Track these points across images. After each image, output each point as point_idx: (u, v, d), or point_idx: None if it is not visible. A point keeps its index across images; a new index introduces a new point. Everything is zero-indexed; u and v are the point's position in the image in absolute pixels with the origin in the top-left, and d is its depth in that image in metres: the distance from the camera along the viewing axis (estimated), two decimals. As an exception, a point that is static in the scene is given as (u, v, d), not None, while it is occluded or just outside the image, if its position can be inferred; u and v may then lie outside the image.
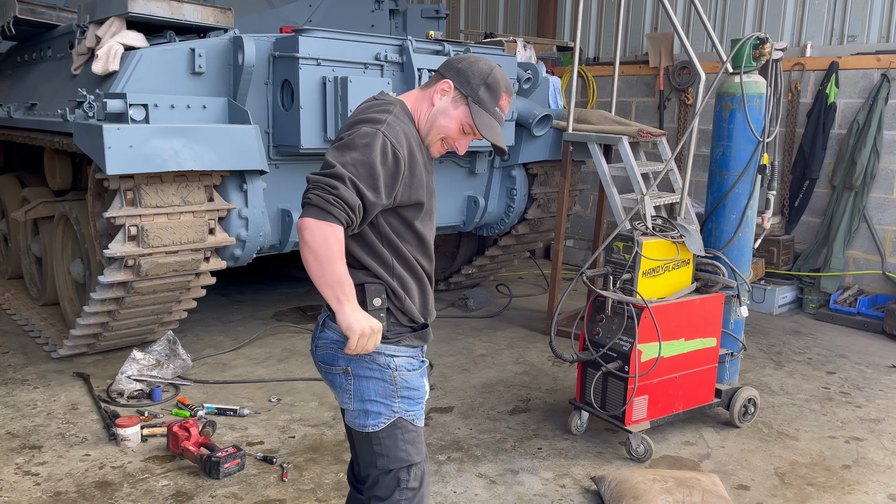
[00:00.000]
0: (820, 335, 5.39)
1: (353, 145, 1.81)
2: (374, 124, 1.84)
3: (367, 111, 1.91)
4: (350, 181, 1.76)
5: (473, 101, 1.94)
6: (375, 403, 1.97)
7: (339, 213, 1.75)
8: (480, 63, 1.95)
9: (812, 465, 3.36)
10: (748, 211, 3.67)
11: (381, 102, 1.95)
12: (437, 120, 1.95)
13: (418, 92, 2.01)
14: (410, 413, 2.00)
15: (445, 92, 1.95)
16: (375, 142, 1.81)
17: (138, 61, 3.71)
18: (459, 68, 1.95)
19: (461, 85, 1.94)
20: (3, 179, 5.77)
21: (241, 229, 4.01)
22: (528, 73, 5.08)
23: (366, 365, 1.95)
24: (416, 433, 2.02)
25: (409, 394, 1.99)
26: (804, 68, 6.13)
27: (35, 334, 4.73)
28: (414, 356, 2.02)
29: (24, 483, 3.02)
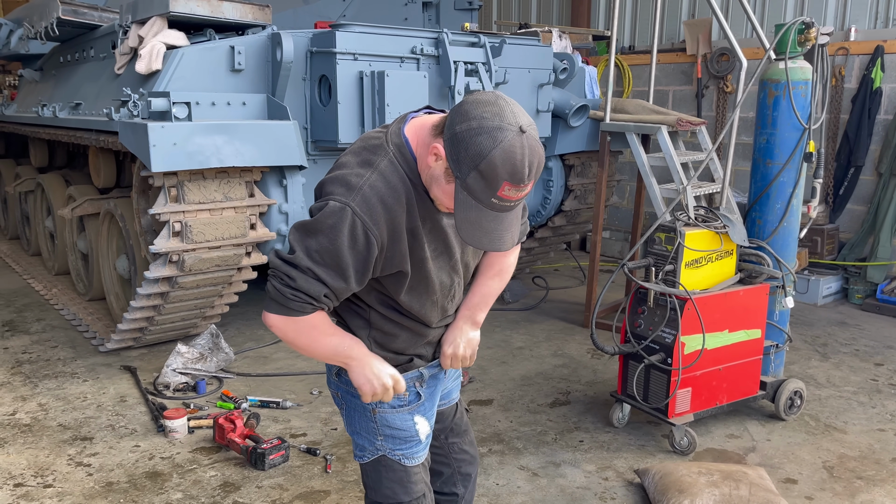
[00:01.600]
0: (866, 326, 5.27)
1: (318, 227, 1.55)
2: (344, 195, 1.55)
3: (344, 166, 1.61)
4: (310, 271, 1.55)
5: (461, 185, 1.50)
6: (360, 436, 1.88)
7: (301, 306, 1.59)
8: (481, 137, 1.43)
9: (861, 459, 3.30)
10: (793, 200, 3.60)
11: (369, 146, 1.63)
12: (431, 187, 1.60)
13: (427, 132, 1.60)
14: (397, 452, 1.85)
15: (438, 157, 1.54)
16: (343, 223, 1.53)
17: (180, 60, 3.76)
18: (455, 133, 1.47)
19: (451, 159, 1.49)
20: (49, 178, 5.91)
21: (281, 224, 4.05)
22: (565, 64, 5.03)
23: (351, 395, 1.82)
24: (405, 473, 1.86)
25: (392, 433, 1.84)
26: (848, 53, 5.97)
27: (83, 329, 4.85)
28: (408, 386, 1.83)
29: (77, 474, 3.11)
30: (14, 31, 6.24)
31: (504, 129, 1.44)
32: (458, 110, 1.49)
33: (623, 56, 7.55)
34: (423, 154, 1.60)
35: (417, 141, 1.62)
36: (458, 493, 2.16)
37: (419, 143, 1.61)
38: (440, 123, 1.57)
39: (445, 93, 4.35)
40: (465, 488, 2.17)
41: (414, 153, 1.62)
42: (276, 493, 2.97)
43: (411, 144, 1.62)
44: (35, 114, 5.27)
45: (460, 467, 2.14)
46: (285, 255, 1.60)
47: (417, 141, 1.62)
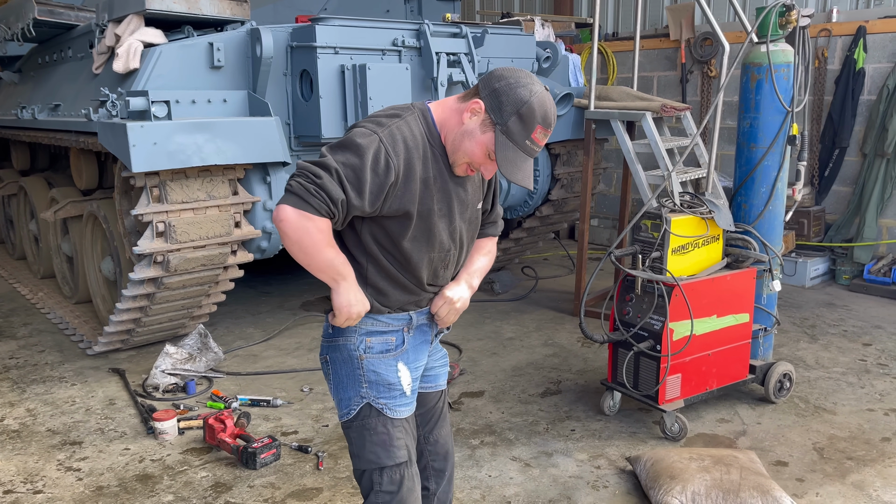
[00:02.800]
0: (854, 306, 5.30)
1: (348, 145, 1.73)
2: (374, 127, 1.76)
3: (377, 114, 1.83)
4: (336, 174, 1.69)
5: (501, 129, 1.77)
6: (345, 389, 1.93)
7: (320, 205, 1.68)
8: (520, 88, 1.75)
9: (851, 439, 3.31)
10: (778, 183, 3.60)
11: (397, 108, 1.86)
12: (462, 142, 1.81)
13: (454, 102, 1.86)
14: (380, 401, 1.91)
15: (476, 112, 1.79)
16: (370, 146, 1.72)
17: (158, 58, 3.72)
18: (496, 89, 1.77)
19: (492, 110, 1.77)
20: (32, 181, 5.85)
21: (266, 221, 4.02)
22: (548, 52, 5.02)
23: (340, 347, 1.93)
24: (388, 436, 1.91)
25: (377, 379, 1.91)
26: (831, 34, 5.98)
27: (70, 332, 4.80)
28: (396, 331, 1.93)
29: (67, 479, 3.08)
30: (-9, 33, 6.16)
31: (535, 84, 1.78)
32: (492, 75, 1.79)
33: (607, 43, 7.54)
34: (450, 117, 1.83)
35: (441, 111, 1.85)
36: (430, 487, 2.17)
37: (444, 112, 1.85)
38: (466, 93, 1.84)
39: (428, 84, 4.33)
40: (438, 485, 2.17)
41: (436, 121, 1.84)
42: (268, 491, 2.96)
43: (434, 114, 1.85)
44: (14, 116, 5.20)
45: (434, 461, 2.16)
46: (313, 159, 1.74)
47: (441, 111, 1.85)
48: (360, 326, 1.89)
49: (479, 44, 4.46)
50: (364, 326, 1.90)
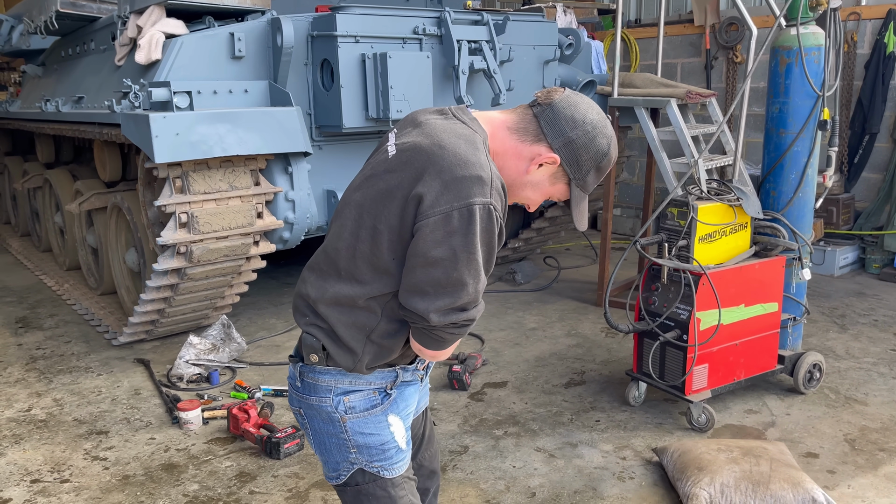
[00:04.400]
0: (885, 296, 5.19)
1: (474, 243, 1.43)
2: (483, 194, 1.42)
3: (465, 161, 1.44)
4: (477, 295, 1.49)
5: (577, 184, 1.58)
6: (330, 453, 1.66)
7: (467, 323, 1.51)
8: (599, 139, 1.54)
9: (883, 430, 3.24)
10: (808, 169, 3.53)
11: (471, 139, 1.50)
12: (523, 191, 1.60)
13: (505, 132, 1.57)
14: (374, 464, 1.64)
15: (545, 164, 1.55)
16: (492, 225, 1.44)
17: (180, 48, 3.72)
18: (572, 140, 1.53)
19: (569, 165, 1.55)
20: (56, 173, 5.90)
21: (288, 212, 4.02)
22: (570, 39, 4.95)
23: (314, 406, 1.65)
24: (389, 498, 1.65)
25: (366, 441, 1.63)
26: (860, 17, 5.84)
27: (95, 323, 4.85)
28: (381, 386, 1.65)
29: (94, 468, 3.11)
30: (15, 27, 6.22)
31: (607, 125, 1.57)
32: (562, 115, 1.54)
33: (629, 30, 7.43)
34: (509, 158, 1.56)
35: (497, 144, 1.57)
36: None
37: (499, 146, 1.57)
38: (524, 127, 1.56)
39: (449, 73, 4.29)
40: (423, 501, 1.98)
41: (490, 151, 1.56)
42: (291, 481, 2.96)
43: (489, 143, 1.57)
44: (39, 109, 5.25)
45: (418, 482, 1.92)
46: (455, 303, 1.46)
47: (497, 144, 1.57)
48: (335, 385, 1.62)
49: (500, 31, 4.41)
50: (340, 386, 1.62)
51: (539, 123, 1.55)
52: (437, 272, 1.43)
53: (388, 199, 1.48)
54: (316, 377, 1.63)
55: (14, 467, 3.12)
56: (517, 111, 1.60)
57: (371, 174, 1.56)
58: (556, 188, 1.60)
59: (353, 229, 1.53)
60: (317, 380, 1.63)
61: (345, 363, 1.59)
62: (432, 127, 1.53)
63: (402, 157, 1.49)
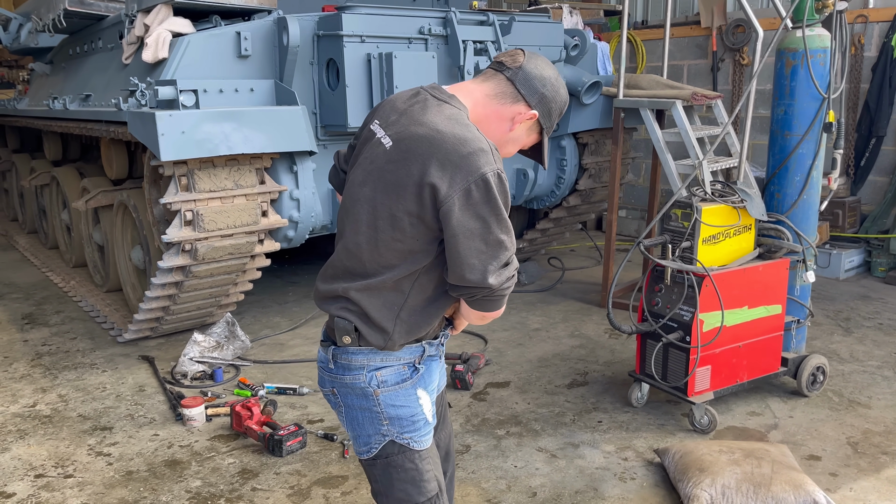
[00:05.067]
0: (890, 299, 5.17)
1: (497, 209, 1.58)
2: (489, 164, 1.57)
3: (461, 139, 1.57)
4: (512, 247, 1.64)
5: (547, 132, 1.79)
6: (363, 427, 1.78)
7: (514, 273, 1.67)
8: (562, 91, 1.76)
9: (886, 434, 3.23)
10: (813, 172, 3.52)
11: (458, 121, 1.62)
12: (506, 146, 1.77)
13: (484, 98, 1.72)
14: (405, 436, 1.76)
15: (524, 120, 1.73)
16: (504, 186, 1.60)
17: (186, 47, 3.74)
18: (545, 96, 1.72)
19: (543, 117, 1.75)
20: (63, 171, 5.94)
21: (293, 211, 4.03)
22: (576, 40, 4.95)
23: (348, 384, 1.76)
24: (417, 470, 1.77)
25: (398, 413, 1.75)
26: (867, 20, 5.82)
27: (101, 320, 4.88)
28: (410, 360, 1.77)
29: (97, 463, 3.13)
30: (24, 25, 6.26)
31: (559, 77, 1.77)
32: (532, 75, 1.71)
33: (636, 31, 7.42)
34: (491, 121, 1.72)
35: (476, 109, 1.72)
36: None
37: (479, 111, 1.72)
38: (502, 91, 1.71)
39: (455, 73, 4.30)
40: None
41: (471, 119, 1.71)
42: (294, 479, 2.97)
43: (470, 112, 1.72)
44: (46, 107, 5.28)
45: None
46: (503, 269, 1.61)
47: (476, 109, 1.72)
48: (368, 363, 1.74)
49: (506, 32, 4.42)
50: (372, 363, 1.74)
51: (515, 86, 1.71)
52: (476, 242, 1.58)
53: (399, 189, 1.60)
54: (349, 357, 1.75)
55: (18, 462, 3.14)
56: (489, 79, 1.74)
57: (372, 168, 1.65)
58: (530, 139, 1.80)
59: (370, 221, 1.64)
60: (350, 360, 1.75)
61: (377, 342, 1.71)
62: (420, 112, 1.65)
63: (403, 147, 1.61)
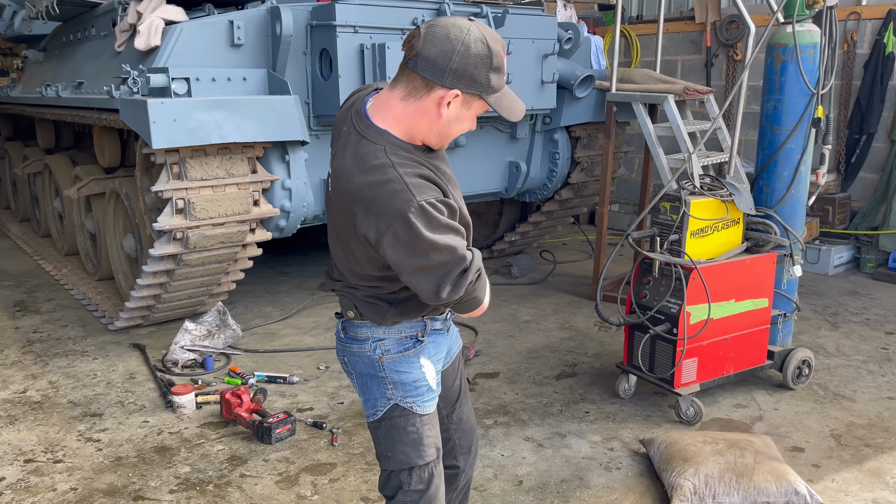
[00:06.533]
0: (878, 295, 5.22)
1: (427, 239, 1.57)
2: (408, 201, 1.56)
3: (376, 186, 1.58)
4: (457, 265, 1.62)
5: (487, 94, 1.65)
6: (371, 391, 1.89)
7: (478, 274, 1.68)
8: (472, 48, 1.58)
9: (870, 427, 3.27)
10: (801, 167, 3.54)
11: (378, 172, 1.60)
12: (450, 128, 1.69)
13: (400, 105, 1.65)
14: (408, 399, 1.86)
15: (449, 101, 1.63)
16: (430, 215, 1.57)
17: (179, 35, 3.74)
18: (455, 70, 1.59)
19: (469, 87, 1.61)
20: (56, 159, 5.93)
21: (284, 200, 4.04)
22: (570, 34, 4.96)
23: (356, 352, 1.88)
24: (418, 433, 1.87)
25: (401, 378, 1.85)
26: (860, 17, 5.85)
27: (92, 308, 4.88)
28: (412, 333, 1.86)
29: (87, 449, 3.14)
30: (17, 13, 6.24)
31: (471, 29, 1.60)
32: (432, 55, 1.58)
33: (630, 26, 7.44)
34: (417, 120, 1.65)
35: (400, 122, 1.66)
36: (459, 465, 2.15)
37: (400, 120, 1.66)
38: (413, 87, 1.63)
39: (448, 65, 4.30)
40: (466, 461, 2.15)
41: (402, 135, 1.67)
42: (282, 465, 2.99)
43: (392, 131, 1.67)
44: (39, 94, 5.27)
45: (460, 439, 2.13)
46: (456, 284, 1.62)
47: (400, 122, 1.66)
48: (371, 335, 1.85)
49: (499, 24, 4.42)
50: (376, 335, 1.85)
51: (420, 75, 1.61)
52: (419, 272, 1.62)
53: (347, 232, 1.70)
54: (355, 330, 1.88)
55: (8, 447, 3.16)
56: (399, 78, 1.66)
57: (331, 198, 1.74)
58: (473, 108, 1.67)
59: (343, 240, 1.75)
60: (356, 332, 1.87)
61: (373, 320, 1.83)
62: (342, 156, 1.68)
63: (338, 198, 1.68)
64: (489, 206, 6.16)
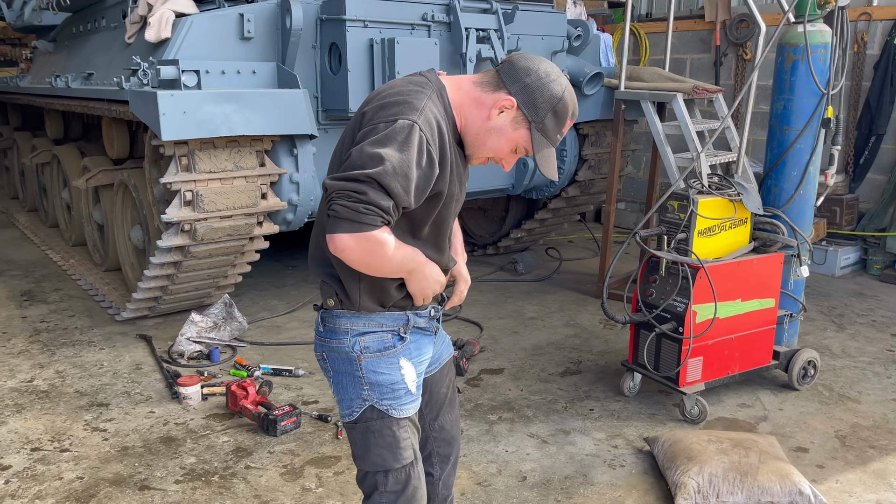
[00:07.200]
0: (885, 297, 5.20)
1: (389, 141, 1.56)
2: (409, 112, 1.60)
3: (402, 93, 1.65)
4: (379, 183, 1.54)
5: (537, 128, 1.72)
6: (346, 391, 1.83)
7: (373, 219, 1.54)
8: (552, 85, 1.70)
9: (875, 428, 3.27)
10: (810, 167, 3.54)
11: (416, 81, 1.71)
12: (489, 138, 1.73)
13: (472, 88, 1.74)
14: (384, 402, 1.79)
15: (506, 109, 1.70)
16: (413, 138, 1.57)
17: (189, 28, 3.74)
18: (527, 84, 1.69)
19: (526, 107, 1.70)
20: (65, 149, 5.95)
21: (292, 194, 4.05)
22: (579, 31, 4.95)
23: (334, 347, 1.81)
24: (394, 437, 1.81)
25: (378, 379, 1.79)
26: (871, 18, 5.82)
27: (99, 298, 4.90)
28: (394, 328, 1.81)
29: (93, 438, 3.16)
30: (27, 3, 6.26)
31: (562, 76, 1.74)
32: (518, 67, 1.71)
33: (640, 24, 7.42)
34: (471, 107, 1.73)
35: (458, 94, 1.74)
36: (434, 473, 2.09)
37: (461, 96, 1.74)
38: (487, 80, 1.73)
39: (457, 60, 4.30)
40: (443, 470, 2.10)
41: (451, 103, 1.73)
42: (287, 458, 3.01)
43: (449, 93, 1.74)
44: (49, 85, 5.29)
45: (439, 447, 2.08)
46: (348, 174, 1.55)
47: (458, 94, 1.74)
48: (351, 328, 1.78)
49: (509, 20, 4.42)
50: (356, 327, 1.79)
51: (499, 76, 1.73)
52: (352, 158, 1.58)
53: (344, 140, 1.71)
54: (335, 321, 1.81)
55: (15, 435, 3.18)
56: (484, 72, 1.78)
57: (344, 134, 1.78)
58: (518, 133, 1.73)
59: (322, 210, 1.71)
60: (335, 323, 1.81)
61: (350, 304, 1.78)
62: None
63: (356, 115, 1.72)
64: (496, 202, 6.16)
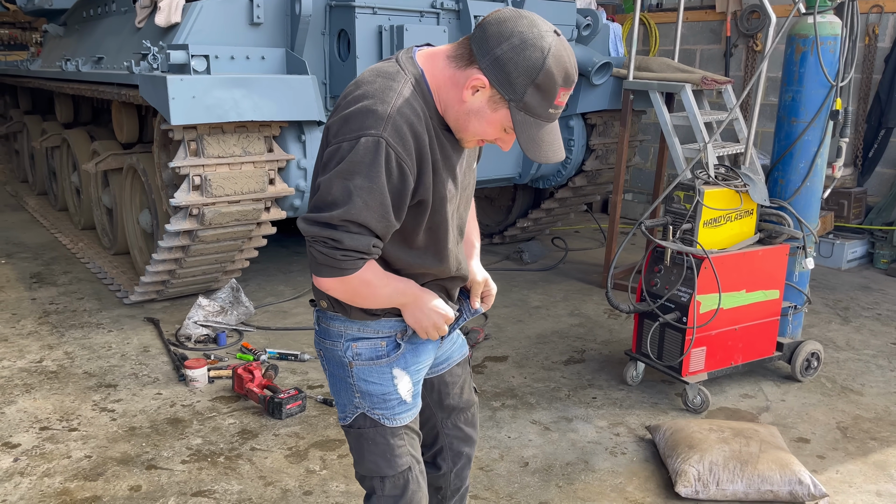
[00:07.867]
0: (891, 291, 5.20)
1: (354, 169, 1.42)
2: (375, 127, 1.42)
3: (367, 95, 1.45)
4: (353, 224, 1.44)
5: (517, 106, 1.44)
6: (340, 395, 1.75)
7: (353, 263, 1.47)
8: (528, 51, 1.39)
9: (876, 420, 3.28)
10: (818, 159, 3.53)
11: (385, 71, 1.49)
12: (469, 122, 1.50)
13: (444, 61, 1.50)
14: (376, 412, 1.70)
15: (477, 89, 1.45)
16: (379, 158, 1.41)
17: (199, 12, 3.76)
18: (498, 57, 1.40)
19: (500, 84, 1.42)
20: (74, 133, 5.98)
21: (300, 180, 4.07)
22: (588, 20, 4.94)
23: (328, 348, 1.73)
24: (388, 445, 1.72)
25: (369, 389, 1.69)
26: (882, 10, 5.78)
27: (108, 281, 4.95)
28: (389, 335, 1.70)
29: (101, 419, 3.21)
30: (38, -14, 6.26)
31: (545, 35, 1.41)
32: (488, 34, 1.42)
33: (650, 14, 7.38)
34: (447, 88, 1.50)
35: (434, 75, 1.51)
36: (443, 467, 2.01)
37: (437, 78, 1.51)
38: (460, 53, 1.48)
39: (465, 48, 4.30)
40: (455, 464, 2.02)
41: (430, 87, 1.51)
42: (292, 440, 3.04)
43: (427, 77, 1.51)
44: (59, 69, 5.31)
45: (452, 444, 1.99)
46: (319, 216, 1.45)
47: (434, 75, 1.51)
48: (345, 331, 1.69)
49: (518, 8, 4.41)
50: (349, 332, 1.69)
51: (470, 45, 1.46)
52: (321, 193, 1.46)
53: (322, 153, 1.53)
54: (329, 322, 1.72)
55: (24, 415, 3.22)
56: (460, 40, 1.52)
57: None
58: (499, 114, 1.47)
59: None
60: (329, 325, 1.72)
61: (340, 307, 1.67)
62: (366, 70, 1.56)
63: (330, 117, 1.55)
64: (502, 191, 6.17)
